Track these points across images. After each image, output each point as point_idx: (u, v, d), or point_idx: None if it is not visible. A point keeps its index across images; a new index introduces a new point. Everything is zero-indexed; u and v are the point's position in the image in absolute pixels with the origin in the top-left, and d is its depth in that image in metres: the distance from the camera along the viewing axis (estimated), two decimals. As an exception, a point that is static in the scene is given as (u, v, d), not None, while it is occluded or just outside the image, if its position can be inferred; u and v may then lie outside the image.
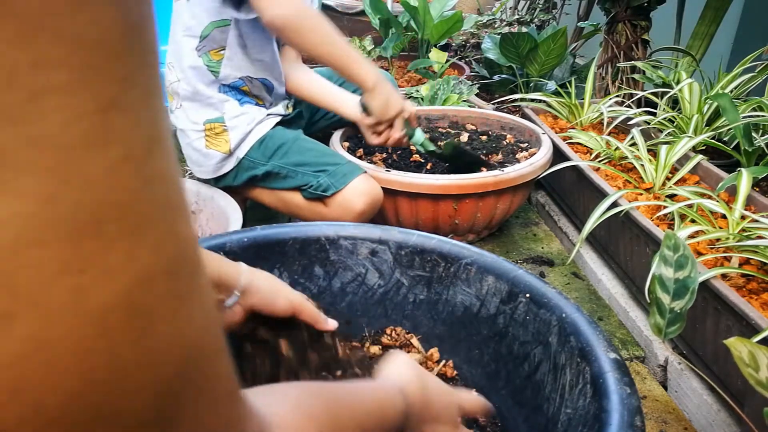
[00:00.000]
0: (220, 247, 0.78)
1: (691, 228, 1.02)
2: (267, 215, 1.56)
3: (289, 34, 1.14)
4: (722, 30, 1.77)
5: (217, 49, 1.25)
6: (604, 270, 1.30)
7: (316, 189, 1.23)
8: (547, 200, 1.62)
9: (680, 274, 0.74)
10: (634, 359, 1.09)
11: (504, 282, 0.76)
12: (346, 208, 1.21)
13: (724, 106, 1.26)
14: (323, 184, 1.22)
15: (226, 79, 1.26)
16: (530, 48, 1.95)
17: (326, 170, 1.23)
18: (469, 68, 2.40)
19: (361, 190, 1.22)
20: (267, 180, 1.28)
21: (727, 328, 0.87)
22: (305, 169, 1.24)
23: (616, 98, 1.74)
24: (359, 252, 0.85)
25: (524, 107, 1.79)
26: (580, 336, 0.63)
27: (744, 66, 1.57)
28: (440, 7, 2.39)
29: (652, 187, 1.27)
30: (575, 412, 0.60)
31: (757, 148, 1.25)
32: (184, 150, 1.32)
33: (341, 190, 1.21)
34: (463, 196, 1.30)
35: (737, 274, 0.95)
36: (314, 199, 1.25)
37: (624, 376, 0.57)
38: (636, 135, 1.36)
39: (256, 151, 1.27)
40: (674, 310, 0.74)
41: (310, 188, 1.23)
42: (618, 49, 1.81)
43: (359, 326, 0.87)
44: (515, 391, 0.74)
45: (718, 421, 0.90)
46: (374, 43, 2.46)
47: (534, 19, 2.54)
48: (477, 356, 0.80)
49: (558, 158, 1.44)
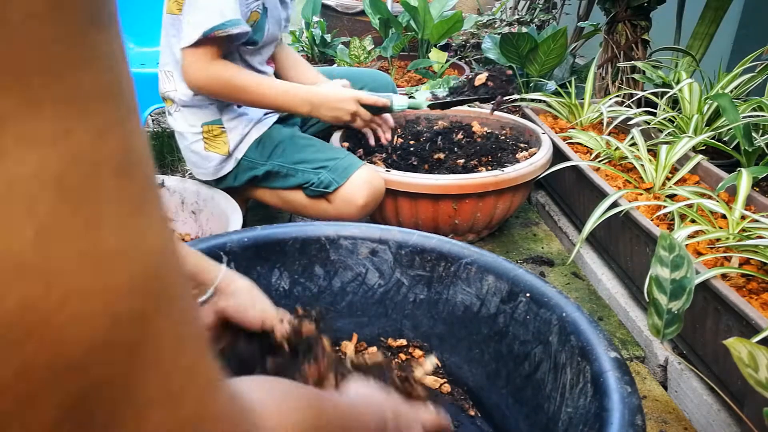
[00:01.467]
0: (220, 247, 0.78)
1: (691, 228, 1.02)
2: (267, 215, 1.56)
3: (208, 95, 1.22)
4: (722, 30, 1.77)
5: None
6: (604, 270, 1.30)
7: (318, 186, 1.23)
8: (547, 200, 1.62)
9: (676, 275, 0.74)
10: (634, 359, 1.09)
11: (504, 281, 0.76)
12: (349, 203, 1.22)
13: (724, 106, 1.26)
14: (325, 181, 1.22)
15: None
16: (530, 48, 1.95)
17: (326, 166, 1.23)
18: (469, 68, 2.40)
19: (363, 181, 1.22)
20: (268, 180, 1.29)
21: (727, 328, 0.87)
22: (305, 167, 1.24)
23: (616, 98, 1.74)
24: (359, 252, 0.85)
25: (524, 107, 1.79)
26: (581, 335, 0.63)
27: (744, 66, 1.57)
28: (440, 7, 2.39)
29: (652, 187, 1.27)
30: (576, 411, 0.60)
31: (757, 148, 1.25)
32: (183, 152, 1.32)
33: (343, 185, 1.21)
34: (463, 196, 1.30)
35: (737, 274, 0.95)
36: (317, 196, 1.25)
37: (624, 375, 0.57)
38: (636, 135, 1.36)
39: (255, 151, 1.27)
40: (672, 310, 0.74)
41: (312, 186, 1.24)
42: (618, 49, 1.81)
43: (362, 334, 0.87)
44: (516, 390, 0.74)
45: (718, 421, 0.90)
46: (374, 43, 2.46)
47: (534, 19, 2.54)
48: (477, 356, 0.80)
49: (558, 158, 1.44)
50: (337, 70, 1.66)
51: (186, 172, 1.74)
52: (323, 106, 1.26)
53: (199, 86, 1.18)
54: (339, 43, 2.57)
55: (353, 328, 0.87)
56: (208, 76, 1.16)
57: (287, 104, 1.25)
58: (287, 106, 1.26)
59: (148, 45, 1.97)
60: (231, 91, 1.19)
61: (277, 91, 1.24)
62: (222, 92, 1.19)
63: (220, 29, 1.09)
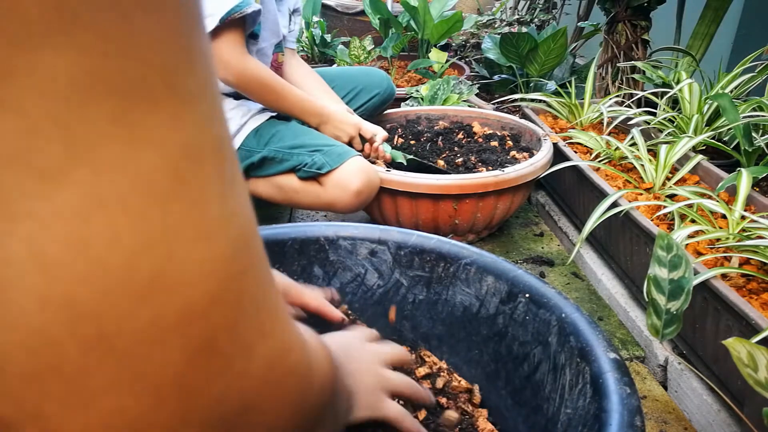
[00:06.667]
0: (219, 247, 0.78)
1: (691, 228, 1.02)
2: (267, 215, 1.56)
3: (239, 91, 1.27)
4: (722, 30, 1.77)
5: None
6: (604, 270, 1.30)
7: (310, 167, 1.24)
8: (547, 200, 1.62)
9: (675, 275, 0.74)
10: (634, 359, 1.09)
11: (503, 282, 0.76)
12: (342, 187, 1.22)
13: (724, 106, 1.26)
14: (318, 162, 1.23)
15: (221, 90, 1.27)
16: (530, 48, 1.95)
17: (321, 150, 1.24)
18: (469, 68, 2.40)
19: (357, 168, 1.23)
20: (263, 167, 1.29)
21: (727, 328, 0.87)
22: (300, 150, 1.26)
23: (616, 98, 1.74)
24: (358, 252, 0.85)
25: (524, 107, 1.79)
26: (580, 336, 0.63)
27: (744, 66, 1.57)
28: (440, 7, 2.39)
29: (652, 187, 1.26)
30: (575, 412, 0.60)
31: (757, 148, 1.25)
32: None
33: (336, 168, 1.22)
34: (463, 196, 1.30)
35: (737, 274, 0.95)
36: (309, 178, 1.25)
37: (624, 376, 0.56)
38: (636, 135, 1.36)
39: (252, 140, 1.29)
40: (670, 311, 0.74)
41: (305, 167, 1.24)
42: (618, 49, 1.81)
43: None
44: (515, 391, 0.74)
45: (718, 421, 0.90)
46: (374, 43, 2.46)
47: (534, 19, 2.54)
48: (476, 356, 0.80)
49: (558, 158, 1.44)
50: (333, 70, 1.66)
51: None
52: (330, 123, 1.35)
53: (228, 81, 1.21)
54: (339, 43, 2.57)
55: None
56: (245, 67, 1.20)
57: (303, 112, 1.33)
58: (301, 114, 1.33)
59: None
60: (262, 87, 1.24)
61: (299, 98, 1.31)
62: (254, 87, 1.24)
63: (236, 11, 1.12)
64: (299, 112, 1.32)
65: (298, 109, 1.32)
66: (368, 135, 1.38)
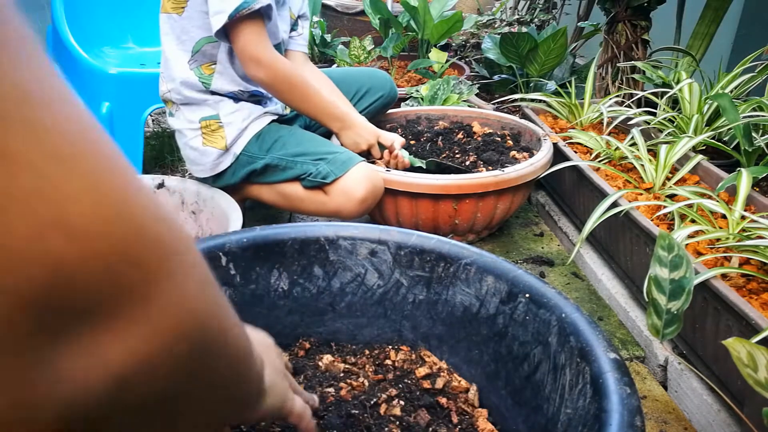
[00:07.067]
0: (219, 247, 0.78)
1: (691, 228, 1.02)
2: (267, 216, 1.56)
3: (268, 90, 1.24)
4: (722, 30, 1.77)
5: (208, 63, 1.25)
6: (604, 270, 1.30)
7: (315, 177, 1.23)
8: (547, 200, 1.62)
9: (675, 275, 0.74)
10: (634, 359, 1.09)
11: (503, 282, 0.76)
12: (347, 195, 1.21)
13: (724, 106, 1.26)
14: (322, 172, 1.22)
15: (219, 91, 1.27)
16: (530, 48, 1.95)
17: (325, 158, 1.23)
18: (469, 68, 2.40)
19: (362, 175, 1.22)
20: (266, 173, 1.28)
21: (727, 328, 0.87)
22: (304, 159, 1.24)
23: (616, 98, 1.74)
24: (358, 252, 0.85)
25: (524, 107, 1.79)
26: (580, 336, 0.63)
27: (744, 66, 1.57)
28: (440, 7, 2.39)
29: (652, 187, 1.26)
30: (575, 413, 0.60)
31: (757, 148, 1.25)
32: (182, 150, 1.33)
33: (341, 177, 1.21)
34: (463, 196, 1.30)
35: (737, 274, 0.95)
36: (314, 187, 1.25)
37: (624, 376, 0.56)
38: (636, 135, 1.36)
39: (254, 146, 1.27)
40: (671, 311, 0.74)
41: (310, 176, 1.23)
42: (618, 49, 1.81)
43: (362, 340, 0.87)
44: (515, 391, 0.74)
45: (718, 421, 0.90)
46: (374, 43, 2.46)
47: (534, 19, 2.54)
48: (476, 356, 0.80)
49: (558, 158, 1.44)
50: (337, 72, 1.65)
51: (186, 172, 1.74)
52: (352, 129, 1.33)
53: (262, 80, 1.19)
54: (339, 43, 2.57)
55: (352, 329, 0.87)
56: (276, 65, 1.18)
57: (326, 116, 1.30)
58: (324, 117, 1.30)
59: (148, 45, 1.97)
60: (291, 87, 1.22)
61: (324, 102, 1.29)
62: (283, 86, 1.22)
63: (244, 7, 1.10)
64: (322, 115, 1.29)
65: (321, 112, 1.29)
66: (387, 143, 1.36)
